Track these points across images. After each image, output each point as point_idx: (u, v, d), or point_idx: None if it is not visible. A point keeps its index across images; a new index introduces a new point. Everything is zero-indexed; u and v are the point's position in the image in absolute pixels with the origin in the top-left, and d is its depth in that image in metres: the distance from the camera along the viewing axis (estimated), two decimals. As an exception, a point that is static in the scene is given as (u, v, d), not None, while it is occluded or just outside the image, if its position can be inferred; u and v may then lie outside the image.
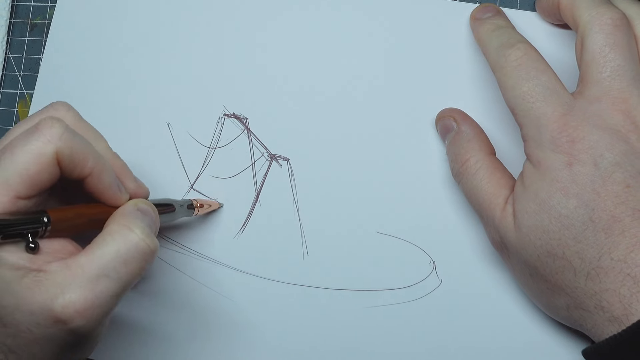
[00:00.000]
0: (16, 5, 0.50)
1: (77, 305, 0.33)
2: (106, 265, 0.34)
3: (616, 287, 0.35)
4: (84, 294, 0.33)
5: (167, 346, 0.44)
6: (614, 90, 0.37)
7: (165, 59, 0.47)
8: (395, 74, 0.46)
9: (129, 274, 0.35)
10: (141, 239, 0.35)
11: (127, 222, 0.35)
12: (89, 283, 0.33)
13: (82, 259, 0.34)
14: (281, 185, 0.45)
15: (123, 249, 0.34)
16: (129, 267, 0.34)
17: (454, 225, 0.44)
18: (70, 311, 0.33)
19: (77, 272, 0.33)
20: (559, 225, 0.37)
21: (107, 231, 0.35)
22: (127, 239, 0.35)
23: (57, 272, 0.33)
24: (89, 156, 0.36)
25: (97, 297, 0.34)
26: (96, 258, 0.34)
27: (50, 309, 0.33)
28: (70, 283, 0.33)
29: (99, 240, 0.35)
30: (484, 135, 0.43)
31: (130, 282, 0.35)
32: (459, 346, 0.43)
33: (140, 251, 0.35)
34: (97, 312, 0.34)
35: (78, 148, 0.35)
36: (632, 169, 0.36)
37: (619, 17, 0.38)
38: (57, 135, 0.34)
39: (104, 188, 0.37)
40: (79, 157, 0.35)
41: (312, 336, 0.44)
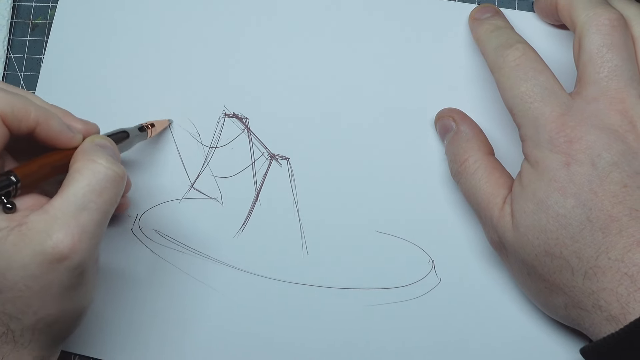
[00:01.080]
0: (17, 5, 0.50)
1: (66, 241, 0.34)
2: (82, 200, 0.35)
3: (614, 286, 0.36)
4: (70, 229, 0.34)
5: (166, 344, 0.44)
6: (611, 91, 0.37)
7: (165, 59, 0.47)
8: (394, 73, 0.46)
9: (106, 202, 0.36)
10: (107, 167, 0.36)
11: (90, 156, 0.37)
12: (71, 219, 0.35)
13: (57, 201, 0.35)
14: (281, 184, 0.45)
15: (93, 181, 0.36)
16: (103, 196, 0.36)
17: (452, 224, 0.44)
18: (61, 248, 0.34)
19: (56, 214, 0.35)
20: (556, 224, 0.37)
21: (73, 169, 0.36)
22: (94, 170, 0.36)
23: (38, 220, 0.34)
24: (30, 108, 0.37)
25: (82, 230, 0.35)
26: (71, 196, 0.35)
27: (42, 254, 0.34)
28: (53, 225, 0.34)
29: (68, 180, 0.36)
30: (482, 135, 0.43)
31: (109, 210, 0.36)
32: (458, 344, 0.43)
33: (110, 179, 0.36)
34: (86, 244, 0.35)
35: (17, 103, 0.36)
36: (629, 169, 0.36)
37: (616, 17, 0.38)
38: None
39: (56, 134, 0.38)
40: (21, 111, 0.36)
41: (312, 334, 0.44)
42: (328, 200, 0.45)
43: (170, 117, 0.47)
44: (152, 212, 0.46)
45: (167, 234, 0.46)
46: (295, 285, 0.44)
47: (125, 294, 0.45)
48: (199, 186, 0.46)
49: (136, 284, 0.45)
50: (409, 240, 0.44)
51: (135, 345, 0.44)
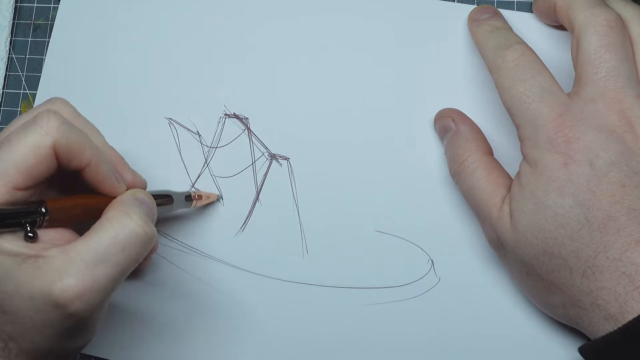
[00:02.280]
0: (19, 6, 0.50)
1: (75, 289, 0.33)
2: (104, 251, 0.34)
3: (612, 285, 0.36)
4: (83, 278, 0.34)
5: (167, 343, 0.44)
6: (609, 91, 0.37)
7: (166, 59, 0.48)
8: (394, 74, 0.46)
9: (127, 259, 0.35)
10: (138, 224, 0.35)
11: (125, 209, 0.36)
12: (87, 268, 0.34)
13: (80, 245, 0.34)
14: (281, 184, 0.46)
15: (120, 235, 0.35)
16: (126, 252, 0.35)
17: (452, 223, 0.44)
18: (69, 295, 0.33)
19: (75, 257, 0.34)
20: (555, 224, 0.37)
21: (104, 218, 0.36)
22: (124, 224, 0.35)
23: (56, 257, 0.34)
24: (86, 148, 0.36)
25: (95, 282, 0.34)
26: (94, 243, 0.34)
27: (49, 294, 0.33)
28: (68, 268, 0.34)
29: (96, 227, 0.35)
30: (481, 135, 0.43)
31: (128, 268, 0.35)
32: (457, 343, 0.43)
33: (138, 237, 0.35)
34: (96, 296, 0.34)
35: (75, 140, 0.35)
36: (627, 168, 0.37)
37: (613, 18, 0.38)
38: (54, 127, 0.35)
39: (102, 178, 0.37)
40: (76, 149, 0.36)
41: (312, 333, 0.44)
42: (328, 200, 0.45)
43: (170, 116, 0.47)
44: (153, 212, 0.46)
45: (168, 233, 0.46)
46: (295, 284, 0.45)
47: (126, 292, 0.45)
48: (199, 186, 0.46)
49: (136, 283, 0.45)
50: (408, 240, 0.44)
51: (135, 344, 0.45)
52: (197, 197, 0.44)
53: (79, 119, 0.38)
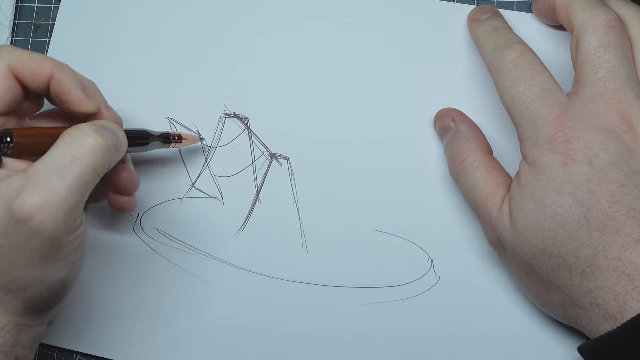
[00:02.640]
0: (20, 6, 0.50)
1: (32, 201, 0.34)
2: (57, 162, 0.35)
3: (611, 284, 0.36)
4: (38, 189, 0.34)
5: (167, 342, 0.45)
6: (608, 91, 0.38)
7: (167, 59, 0.48)
8: (393, 74, 0.46)
9: (82, 168, 0.35)
10: (88, 134, 0.36)
11: (79, 127, 0.37)
12: (43, 180, 0.34)
13: (37, 164, 0.35)
14: (281, 183, 0.46)
15: (71, 145, 0.35)
16: (79, 161, 0.35)
17: (451, 223, 0.44)
18: (26, 207, 0.34)
19: (31, 174, 0.35)
20: (554, 224, 0.37)
21: (60, 137, 0.36)
22: (74, 136, 0.36)
23: (15, 179, 0.35)
24: (46, 61, 0.37)
25: (51, 191, 0.34)
26: (48, 159, 0.35)
27: (9, 211, 0.34)
28: (25, 184, 0.34)
29: (52, 147, 0.36)
30: (481, 135, 0.43)
31: (84, 177, 0.35)
32: (457, 342, 0.43)
33: (89, 146, 0.36)
34: (55, 207, 0.34)
35: (30, 57, 0.36)
36: (626, 168, 0.37)
37: (613, 18, 0.38)
38: (5, 51, 0.36)
39: (67, 89, 0.38)
40: (34, 64, 0.36)
41: (312, 332, 0.44)
42: (328, 200, 0.45)
43: (170, 116, 0.47)
44: (154, 211, 0.46)
45: (169, 232, 0.46)
46: (295, 283, 0.45)
47: (126, 292, 0.45)
48: (199, 185, 0.46)
49: (137, 282, 0.45)
50: (408, 239, 0.44)
51: (135, 343, 0.45)
52: (176, 139, 0.44)
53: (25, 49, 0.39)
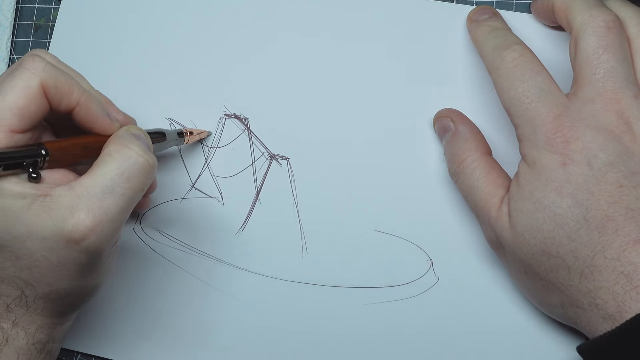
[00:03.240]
0: (21, 7, 0.50)
1: (86, 222, 0.34)
2: (109, 183, 0.35)
3: (610, 285, 0.36)
4: (92, 211, 0.35)
5: (167, 341, 0.45)
6: (607, 91, 0.38)
7: (167, 60, 0.48)
8: (393, 74, 0.46)
9: (132, 189, 0.36)
10: (139, 154, 0.36)
11: (124, 142, 0.37)
12: (95, 201, 0.35)
13: (85, 180, 0.35)
14: (281, 184, 0.46)
15: (124, 166, 0.36)
16: (131, 182, 0.36)
17: (451, 223, 0.44)
18: (81, 229, 0.34)
19: (82, 192, 0.35)
20: (553, 224, 0.37)
21: (105, 152, 0.37)
22: (126, 156, 0.36)
23: (63, 195, 0.35)
24: (74, 87, 0.37)
25: (105, 213, 0.35)
26: (99, 177, 0.35)
27: (62, 230, 0.34)
28: (77, 203, 0.35)
29: (99, 162, 0.36)
30: (480, 136, 0.43)
31: (135, 197, 0.36)
32: (456, 342, 0.43)
33: (140, 166, 0.36)
34: (107, 228, 0.35)
35: (62, 79, 0.36)
36: (625, 169, 0.37)
37: (611, 19, 0.38)
38: (40, 68, 0.36)
39: (94, 118, 0.38)
40: (64, 88, 0.37)
41: (312, 332, 0.44)
42: (327, 200, 0.45)
43: (170, 117, 0.47)
44: (154, 212, 0.46)
45: (169, 233, 0.46)
46: (295, 283, 0.45)
47: (127, 292, 0.45)
48: (200, 186, 0.46)
49: (138, 282, 0.45)
50: (407, 239, 0.45)
51: (135, 342, 0.45)
52: (188, 134, 0.45)
53: (62, 64, 0.39)
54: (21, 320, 0.36)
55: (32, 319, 0.37)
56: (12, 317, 0.36)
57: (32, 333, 0.37)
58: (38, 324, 0.37)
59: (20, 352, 0.37)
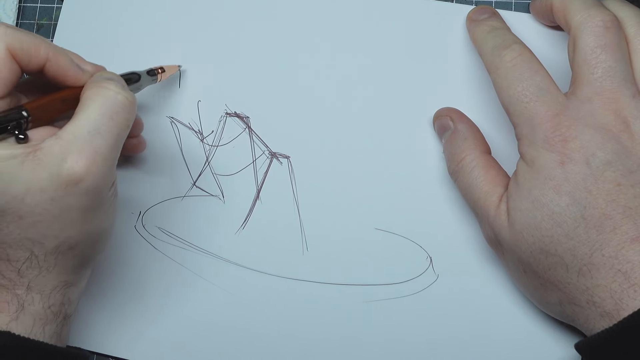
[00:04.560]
0: (23, 6, 0.50)
1: (80, 164, 0.35)
2: (94, 124, 0.36)
3: (607, 282, 0.36)
4: (84, 152, 0.35)
5: (168, 339, 0.45)
6: (605, 91, 0.38)
7: (168, 58, 0.48)
8: (393, 73, 0.46)
9: (118, 126, 0.37)
10: (118, 92, 0.37)
11: (100, 84, 0.38)
12: (85, 142, 0.36)
13: (71, 127, 0.36)
14: (281, 182, 0.46)
15: (105, 106, 0.37)
16: (114, 120, 0.37)
17: (450, 221, 0.45)
18: (77, 170, 0.35)
19: (69, 138, 0.36)
20: (551, 222, 0.37)
21: (85, 97, 0.37)
22: (105, 96, 0.37)
23: (52, 145, 0.35)
24: (40, 44, 0.38)
25: (96, 153, 0.36)
26: (83, 120, 0.36)
27: (59, 176, 0.35)
28: (68, 149, 0.35)
29: (80, 108, 0.37)
30: (479, 134, 0.43)
31: (121, 135, 0.37)
32: (455, 339, 0.43)
33: (120, 103, 0.37)
34: (101, 166, 0.36)
35: (26, 38, 0.37)
36: (623, 167, 0.37)
37: (610, 19, 0.38)
38: (2, 32, 0.36)
39: (65, 70, 0.39)
40: (30, 47, 0.37)
41: (311, 329, 0.44)
42: (328, 198, 0.46)
43: (172, 115, 0.47)
44: (155, 210, 0.46)
45: (170, 231, 0.46)
46: (296, 281, 0.45)
47: (128, 290, 0.45)
48: (201, 184, 0.47)
49: (138, 280, 0.45)
50: (407, 237, 0.45)
51: (136, 340, 0.45)
52: (160, 71, 0.45)
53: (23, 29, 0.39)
54: (35, 282, 0.37)
55: (46, 280, 0.37)
56: (25, 281, 0.37)
57: (47, 295, 0.37)
58: (53, 284, 0.37)
59: (36, 317, 0.37)
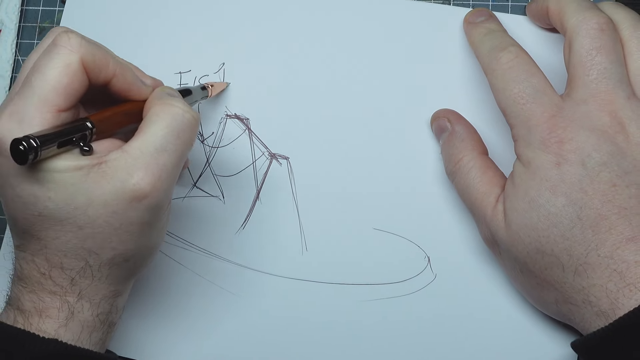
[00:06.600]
0: (25, 9, 0.50)
1: (147, 180, 0.35)
2: (161, 141, 0.36)
3: (603, 282, 0.36)
4: (150, 169, 0.35)
5: (169, 338, 0.45)
6: (600, 92, 0.38)
7: (169, 61, 0.48)
8: (391, 75, 0.47)
9: (183, 144, 0.37)
10: (185, 111, 0.37)
11: (166, 101, 0.37)
12: (151, 159, 0.35)
13: (137, 142, 0.36)
14: (281, 183, 0.46)
15: (173, 124, 0.36)
16: (181, 138, 0.37)
17: (447, 222, 0.45)
18: (142, 187, 0.35)
19: (136, 153, 0.35)
20: (547, 223, 0.37)
21: (151, 113, 0.37)
22: (172, 114, 0.37)
23: (118, 158, 0.35)
24: (110, 59, 0.37)
25: (162, 170, 0.36)
26: (150, 137, 0.36)
27: (124, 191, 0.35)
28: (134, 164, 0.35)
29: (146, 123, 0.37)
30: (476, 136, 0.43)
31: (185, 152, 0.37)
32: (453, 338, 0.44)
33: (187, 122, 0.37)
34: (165, 184, 0.36)
35: (98, 53, 0.37)
36: (618, 168, 0.37)
37: (605, 21, 0.39)
38: (76, 44, 0.36)
39: (129, 85, 0.38)
40: (101, 61, 0.37)
41: (310, 328, 0.44)
42: (327, 198, 0.46)
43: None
44: (156, 210, 0.47)
45: (171, 231, 0.46)
46: (295, 280, 0.45)
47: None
48: (201, 185, 0.47)
49: (139, 279, 0.45)
50: (405, 237, 0.45)
51: (137, 339, 0.45)
52: (210, 87, 0.45)
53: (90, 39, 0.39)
54: (86, 291, 0.37)
55: (97, 289, 0.37)
56: (77, 289, 0.37)
57: (97, 303, 0.37)
58: (103, 293, 0.38)
59: (84, 324, 0.37)
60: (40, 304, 0.36)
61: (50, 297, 0.36)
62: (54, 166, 0.35)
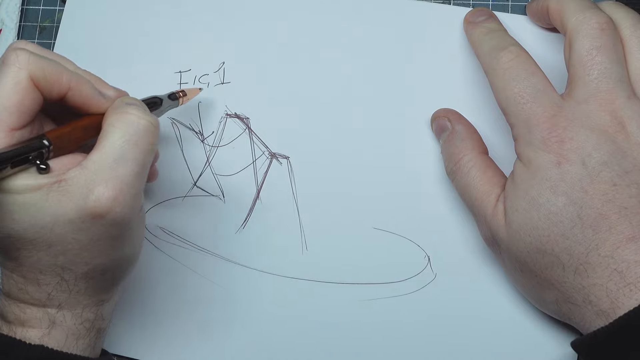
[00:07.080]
0: (26, 8, 0.50)
1: (107, 195, 0.34)
2: (119, 151, 0.35)
3: (603, 281, 0.36)
4: (110, 182, 0.35)
5: (169, 337, 0.45)
6: (601, 92, 0.38)
7: (169, 60, 0.48)
8: (391, 75, 0.47)
9: (142, 152, 0.36)
10: (140, 117, 0.36)
11: (122, 110, 0.37)
12: (110, 172, 0.35)
13: (95, 155, 0.35)
14: (281, 182, 0.46)
15: (129, 132, 0.36)
16: (139, 146, 0.36)
17: (448, 221, 0.45)
18: (103, 202, 0.34)
19: (94, 168, 0.35)
20: (548, 222, 0.37)
21: (107, 124, 0.36)
22: (128, 122, 0.36)
23: (77, 175, 0.35)
24: (62, 72, 0.36)
25: (122, 182, 0.35)
26: (107, 148, 0.35)
27: (85, 208, 0.34)
28: (93, 179, 0.35)
29: (103, 135, 0.36)
30: (477, 135, 0.43)
31: (146, 160, 0.36)
32: (453, 338, 0.44)
33: (144, 128, 0.36)
34: (128, 195, 0.35)
35: (49, 67, 0.36)
36: (618, 168, 0.37)
37: (605, 21, 0.39)
38: (24, 60, 0.35)
39: (86, 99, 0.38)
40: (53, 76, 0.36)
41: (310, 328, 0.44)
42: (327, 198, 0.46)
43: (173, 117, 0.48)
44: (156, 209, 0.47)
45: (171, 230, 0.46)
46: (295, 280, 0.45)
47: (129, 289, 0.46)
48: (201, 184, 0.47)
49: (140, 279, 0.46)
50: (405, 237, 0.45)
51: (137, 338, 0.45)
52: (181, 95, 0.44)
53: (45, 51, 0.38)
54: (66, 303, 0.37)
55: (77, 300, 0.37)
56: (56, 302, 0.36)
57: (79, 313, 0.37)
58: (84, 303, 0.37)
59: (69, 332, 0.37)
60: (22, 315, 0.36)
61: (31, 309, 0.36)
62: (11, 187, 0.34)
